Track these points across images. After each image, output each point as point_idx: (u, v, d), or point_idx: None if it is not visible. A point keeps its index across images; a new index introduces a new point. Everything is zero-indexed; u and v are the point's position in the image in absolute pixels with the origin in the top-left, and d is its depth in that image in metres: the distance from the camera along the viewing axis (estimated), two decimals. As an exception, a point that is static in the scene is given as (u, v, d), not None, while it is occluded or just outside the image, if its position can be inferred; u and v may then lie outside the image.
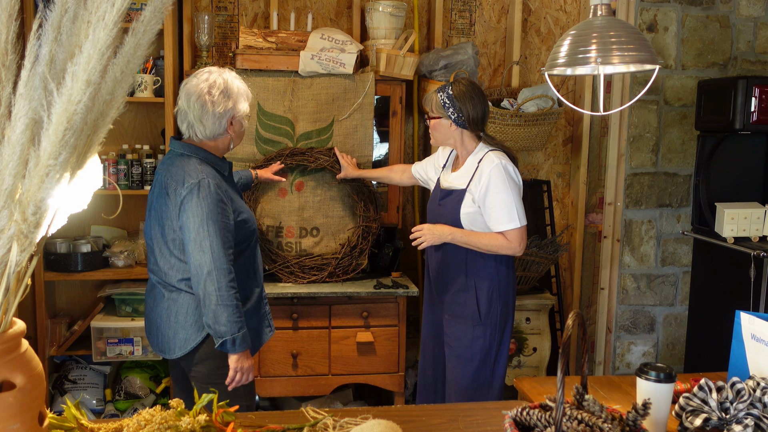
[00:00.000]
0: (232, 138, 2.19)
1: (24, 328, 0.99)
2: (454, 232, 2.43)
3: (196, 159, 2.11)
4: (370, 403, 3.51)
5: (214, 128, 2.12)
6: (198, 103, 2.08)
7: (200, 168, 2.07)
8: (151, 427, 1.25)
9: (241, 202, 2.20)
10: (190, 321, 2.10)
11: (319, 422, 1.49)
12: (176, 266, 2.10)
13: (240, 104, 2.15)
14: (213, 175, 2.08)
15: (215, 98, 2.08)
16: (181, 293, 2.11)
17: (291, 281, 3.14)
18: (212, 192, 2.02)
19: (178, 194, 2.03)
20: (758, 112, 3.04)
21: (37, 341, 3.15)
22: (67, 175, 0.96)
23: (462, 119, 2.45)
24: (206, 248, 1.98)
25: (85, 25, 0.95)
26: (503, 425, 1.29)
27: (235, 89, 2.14)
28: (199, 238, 1.99)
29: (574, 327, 2.38)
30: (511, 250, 2.39)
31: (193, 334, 2.10)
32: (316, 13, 3.53)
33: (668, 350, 3.68)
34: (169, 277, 2.13)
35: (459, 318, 2.50)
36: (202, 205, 2.00)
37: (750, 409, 1.52)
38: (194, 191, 2.01)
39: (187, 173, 2.05)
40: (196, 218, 2.00)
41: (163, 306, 2.15)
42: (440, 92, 2.47)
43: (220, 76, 2.13)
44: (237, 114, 2.14)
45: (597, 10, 1.87)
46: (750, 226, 3.11)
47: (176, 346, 2.13)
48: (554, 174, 3.82)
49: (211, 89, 2.09)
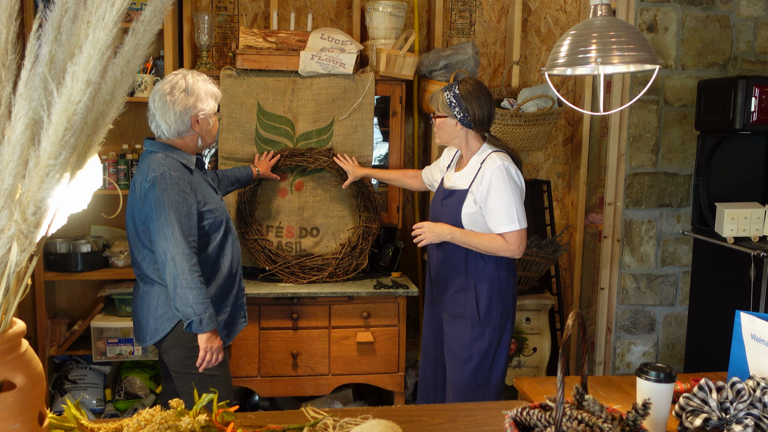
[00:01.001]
0: (201, 135, 2.31)
1: (24, 328, 0.99)
2: (454, 232, 2.43)
3: (162, 154, 2.25)
4: (370, 403, 3.51)
5: (177, 126, 2.25)
6: (161, 103, 2.24)
7: (163, 162, 2.20)
8: (151, 427, 1.25)
9: (210, 194, 2.33)
10: (160, 311, 2.25)
11: (319, 422, 1.49)
12: (148, 257, 2.25)
13: (202, 102, 2.27)
14: (176, 167, 2.21)
15: (176, 97, 2.22)
16: (154, 285, 2.26)
17: (291, 281, 3.14)
18: (173, 182, 2.16)
19: (142, 187, 2.19)
20: (758, 112, 3.04)
21: (37, 341, 3.15)
22: (67, 175, 0.96)
23: (468, 119, 2.45)
24: (168, 235, 2.12)
25: (85, 25, 0.95)
26: (503, 425, 1.29)
27: (197, 89, 2.27)
28: (161, 227, 2.13)
29: (574, 327, 2.38)
30: (510, 252, 2.39)
31: (163, 324, 2.25)
32: (316, 13, 3.53)
33: (668, 350, 3.68)
34: (142, 268, 2.28)
35: (458, 318, 2.50)
36: (163, 196, 2.14)
37: (750, 409, 1.52)
38: (155, 183, 2.15)
39: (151, 167, 2.20)
40: (158, 208, 2.13)
41: (139, 296, 2.33)
42: (447, 91, 2.47)
43: (183, 77, 2.27)
44: (200, 112, 2.27)
45: (597, 10, 1.87)
46: (750, 226, 3.11)
47: (147, 335, 2.30)
48: (554, 174, 3.82)
49: (173, 89, 2.24)
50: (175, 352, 2.27)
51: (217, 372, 2.28)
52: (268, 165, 3.08)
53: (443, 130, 2.52)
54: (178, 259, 2.11)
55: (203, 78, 2.32)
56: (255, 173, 3.00)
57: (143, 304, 2.30)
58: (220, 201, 2.39)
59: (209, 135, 2.34)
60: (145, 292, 2.29)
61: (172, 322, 2.24)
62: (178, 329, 2.23)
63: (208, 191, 2.33)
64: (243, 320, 2.46)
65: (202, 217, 2.24)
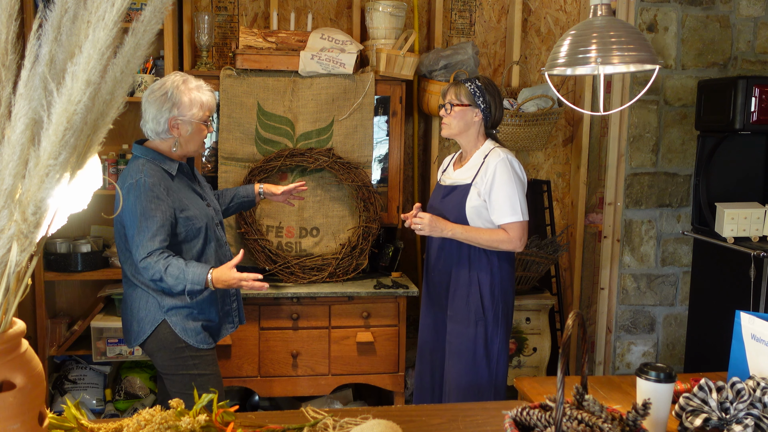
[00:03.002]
0: (177, 141, 2.27)
1: (24, 328, 0.99)
2: (455, 229, 2.43)
3: (143, 160, 2.25)
4: (370, 403, 3.51)
5: (155, 126, 2.25)
6: (144, 99, 2.26)
7: (142, 168, 2.20)
8: (151, 427, 1.25)
9: (193, 201, 2.30)
10: (142, 314, 2.26)
11: (319, 422, 1.48)
12: (128, 260, 2.27)
13: (181, 108, 2.23)
14: (153, 173, 2.20)
15: (156, 97, 2.23)
16: (137, 288, 2.28)
17: (291, 281, 3.14)
18: (146, 189, 2.16)
19: (120, 194, 2.22)
20: (758, 112, 3.04)
21: (37, 341, 3.15)
22: (67, 175, 0.96)
23: (488, 111, 2.50)
24: (138, 242, 2.14)
25: (85, 25, 0.95)
26: (503, 425, 1.29)
27: (178, 93, 2.23)
28: (133, 233, 2.16)
29: (574, 327, 2.38)
30: (512, 244, 2.39)
31: (144, 326, 2.26)
32: (316, 13, 3.53)
33: (668, 350, 3.68)
34: (125, 271, 2.30)
35: (459, 315, 2.50)
36: (136, 204, 2.15)
37: (750, 409, 1.52)
38: (131, 190, 2.17)
39: (129, 174, 2.21)
40: (131, 215, 2.16)
41: (125, 299, 2.35)
42: (468, 83, 2.50)
43: (171, 79, 2.25)
44: (178, 117, 2.23)
45: (597, 10, 1.87)
46: (750, 226, 3.11)
47: (132, 337, 2.32)
48: (554, 174, 3.82)
49: (154, 90, 2.24)
50: (161, 355, 2.28)
51: (206, 371, 2.29)
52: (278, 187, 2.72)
53: (461, 119, 2.50)
54: (146, 263, 2.14)
55: (198, 85, 2.27)
56: (257, 191, 2.69)
57: (126, 307, 2.33)
58: (205, 207, 2.34)
59: (189, 143, 2.28)
60: (128, 295, 2.31)
61: (153, 325, 2.25)
62: (160, 331, 2.25)
63: (191, 197, 2.30)
64: (231, 326, 2.43)
65: (177, 224, 2.23)
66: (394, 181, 3.36)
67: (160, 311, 2.25)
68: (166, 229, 2.17)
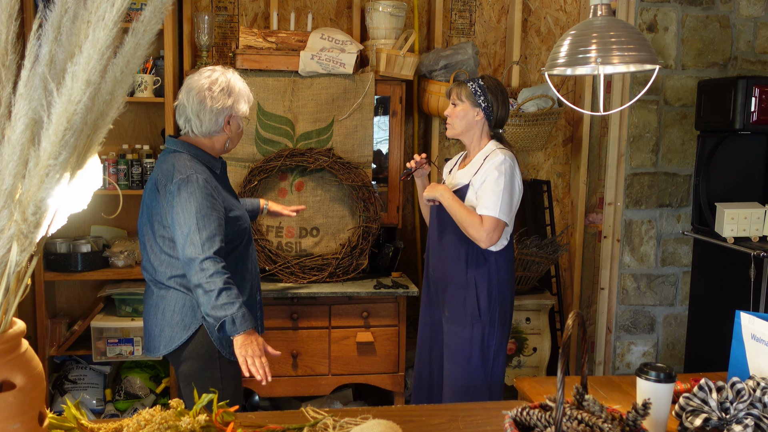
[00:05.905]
0: (229, 137, 2.19)
1: (24, 328, 0.99)
2: (445, 194, 2.45)
3: (187, 155, 2.12)
4: (370, 403, 3.51)
5: (210, 125, 2.12)
6: (197, 98, 2.09)
7: (190, 164, 2.07)
8: (151, 427, 1.25)
9: (234, 201, 2.21)
10: (176, 319, 2.10)
11: (319, 422, 1.48)
12: (166, 262, 2.11)
13: (239, 104, 2.16)
14: (202, 170, 2.08)
15: (215, 94, 2.10)
16: (170, 290, 2.11)
17: (291, 281, 3.14)
18: (201, 186, 2.02)
19: (168, 190, 2.05)
20: (758, 112, 3.04)
21: (37, 341, 3.15)
22: (67, 175, 0.96)
23: (490, 110, 2.48)
24: (196, 242, 1.97)
25: (85, 25, 0.95)
26: (503, 425, 1.29)
27: (236, 89, 2.15)
28: (189, 232, 1.98)
29: (574, 327, 2.38)
30: (479, 235, 2.37)
31: (179, 332, 2.10)
32: (316, 13, 3.53)
33: (668, 350, 3.68)
34: (159, 274, 2.13)
35: (458, 316, 2.50)
36: (191, 200, 2.00)
37: (750, 409, 1.52)
38: (183, 186, 2.02)
39: (177, 169, 2.06)
40: (186, 213, 2.00)
41: (152, 303, 2.16)
42: (471, 83, 2.50)
43: (223, 74, 2.15)
44: (235, 113, 2.15)
45: (597, 10, 1.87)
46: (750, 226, 3.11)
47: (161, 344, 2.13)
48: (554, 174, 3.82)
49: (212, 86, 2.11)
50: (191, 364, 2.11)
51: (230, 386, 2.15)
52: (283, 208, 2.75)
53: (462, 119, 2.51)
54: (207, 264, 1.95)
55: (240, 78, 2.19)
56: (262, 205, 2.69)
57: (157, 311, 2.14)
58: (243, 209, 2.26)
59: (237, 138, 2.22)
60: (160, 298, 2.13)
61: (189, 331, 2.09)
62: (197, 339, 2.09)
63: (231, 198, 2.21)
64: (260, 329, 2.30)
65: (229, 224, 2.10)
66: (394, 181, 3.36)
67: (195, 316, 2.09)
68: (223, 228, 2.04)
